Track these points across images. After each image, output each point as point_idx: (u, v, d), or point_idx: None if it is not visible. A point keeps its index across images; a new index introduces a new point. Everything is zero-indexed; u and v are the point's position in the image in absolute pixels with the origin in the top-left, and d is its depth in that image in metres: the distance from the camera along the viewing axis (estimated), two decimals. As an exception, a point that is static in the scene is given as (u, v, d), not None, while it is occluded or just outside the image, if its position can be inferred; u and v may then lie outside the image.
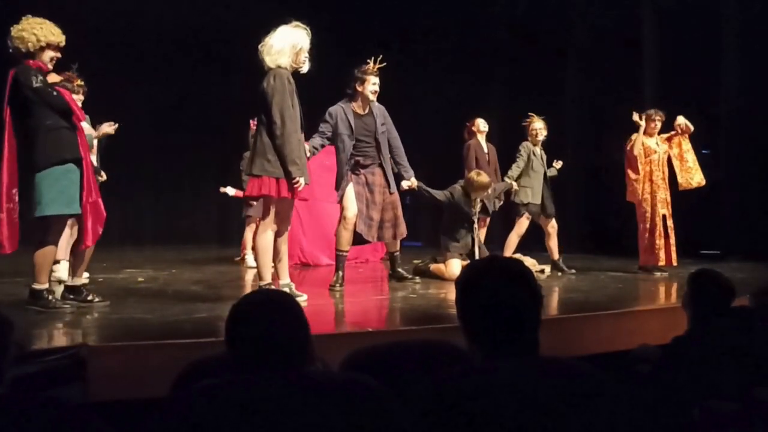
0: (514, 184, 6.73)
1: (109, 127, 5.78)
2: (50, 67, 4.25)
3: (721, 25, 8.56)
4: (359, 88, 5.59)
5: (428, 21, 10.64)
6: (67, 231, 4.57)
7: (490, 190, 6.41)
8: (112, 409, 2.63)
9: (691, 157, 6.78)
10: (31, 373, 2.78)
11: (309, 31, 4.52)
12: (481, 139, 7.16)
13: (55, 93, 4.15)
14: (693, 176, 6.77)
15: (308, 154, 5.44)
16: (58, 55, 4.25)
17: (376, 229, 5.70)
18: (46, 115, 4.14)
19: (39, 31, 4.15)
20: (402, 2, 10.49)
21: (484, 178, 6.27)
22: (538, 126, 6.94)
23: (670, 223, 6.72)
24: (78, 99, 5.31)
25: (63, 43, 4.25)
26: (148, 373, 3.01)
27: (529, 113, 7.04)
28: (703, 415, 2.48)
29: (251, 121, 7.29)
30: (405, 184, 5.91)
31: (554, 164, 7.17)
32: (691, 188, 6.79)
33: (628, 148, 6.80)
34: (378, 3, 10.48)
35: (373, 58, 5.67)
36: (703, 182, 6.80)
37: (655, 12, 8.99)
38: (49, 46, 4.18)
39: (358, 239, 5.74)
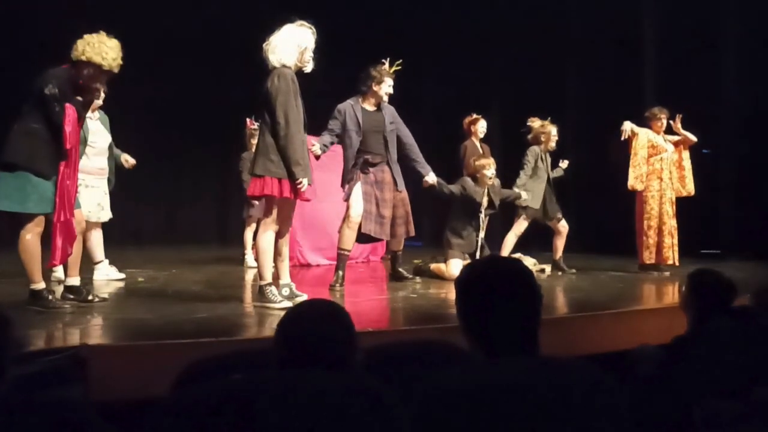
0: (524, 193, 6.71)
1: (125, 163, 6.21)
2: (86, 82, 4.22)
3: (720, 25, 8.55)
4: (375, 88, 5.60)
5: (428, 20, 10.65)
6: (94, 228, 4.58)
7: (494, 180, 6.39)
8: (113, 409, 2.62)
9: (687, 165, 6.87)
10: (32, 373, 2.78)
11: (314, 30, 4.53)
12: (475, 139, 7.25)
13: (57, 109, 4.10)
14: (686, 185, 6.87)
15: (319, 152, 5.46)
16: (98, 76, 4.26)
17: (388, 227, 5.69)
18: (36, 119, 4.12)
19: (108, 54, 4.23)
20: (403, 2, 10.50)
21: (484, 159, 6.53)
22: (555, 132, 6.96)
23: (673, 222, 6.73)
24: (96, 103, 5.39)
25: (107, 67, 4.25)
26: (148, 372, 3.01)
27: (548, 117, 7.04)
28: (704, 415, 2.47)
29: (248, 120, 7.32)
30: (429, 180, 5.90)
31: (560, 164, 7.18)
32: (680, 196, 6.86)
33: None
34: (379, 2, 10.48)
35: (389, 59, 5.69)
36: (693, 192, 6.89)
37: (654, 12, 8.98)
38: (102, 70, 4.22)
39: (364, 239, 5.75)
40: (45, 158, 4.13)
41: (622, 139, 6.73)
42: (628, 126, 6.71)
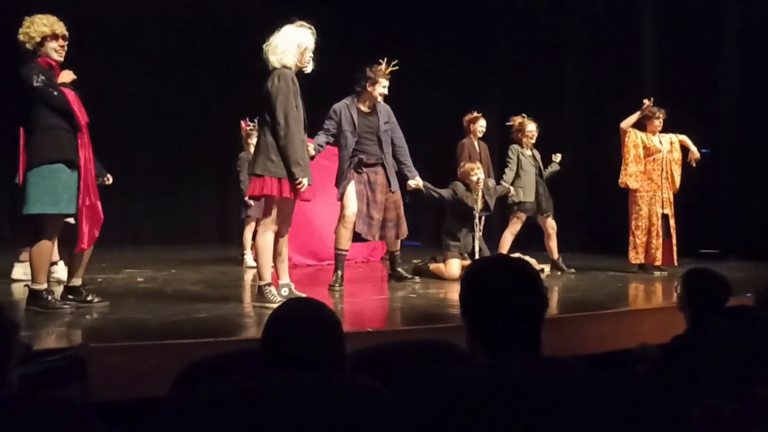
0: (511, 188, 6.74)
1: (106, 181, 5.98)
2: (57, 57, 4.22)
3: (720, 24, 8.56)
4: (369, 88, 5.61)
5: (427, 19, 10.65)
6: None
7: (488, 182, 6.40)
8: (112, 410, 2.62)
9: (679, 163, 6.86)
10: (31, 374, 2.78)
11: (314, 31, 4.54)
12: (474, 138, 7.26)
13: (55, 93, 4.13)
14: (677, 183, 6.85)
15: (313, 152, 5.46)
16: (62, 43, 4.23)
17: (377, 228, 5.70)
18: (45, 114, 4.14)
19: (31, 28, 4.16)
20: (402, 1, 10.50)
21: (470, 163, 6.48)
22: (531, 128, 6.96)
23: (672, 222, 6.71)
24: None
25: (60, 30, 4.21)
26: (147, 373, 3.01)
27: (522, 114, 7.05)
28: (703, 415, 2.48)
29: (242, 122, 7.33)
30: (412, 183, 5.91)
31: (553, 158, 7.18)
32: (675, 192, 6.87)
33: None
34: (379, 2, 10.48)
35: (386, 59, 5.69)
36: (676, 190, 6.87)
37: (654, 11, 8.98)
38: (46, 38, 4.17)
39: (357, 238, 5.74)
40: (71, 146, 4.19)
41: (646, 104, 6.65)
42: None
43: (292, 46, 4.43)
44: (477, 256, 6.20)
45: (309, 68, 4.57)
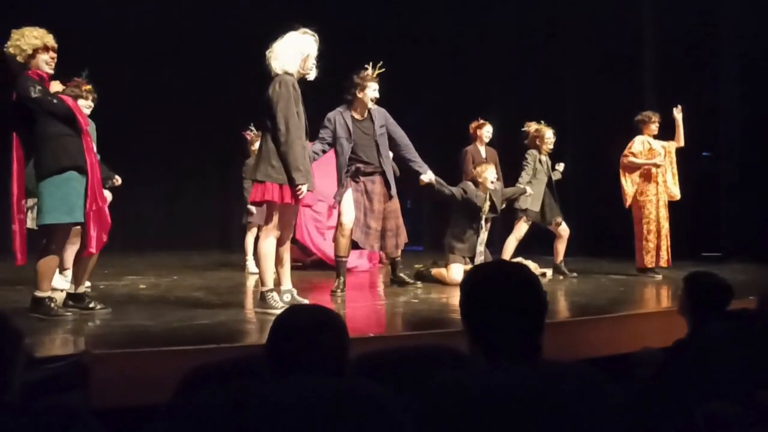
0: (528, 188, 6.74)
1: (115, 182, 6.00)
2: (48, 70, 4.24)
3: (720, 25, 8.56)
4: (359, 95, 5.58)
5: (427, 22, 10.67)
6: (73, 240, 4.59)
7: (495, 185, 6.40)
8: (115, 416, 2.62)
9: (674, 170, 6.87)
10: (34, 381, 2.78)
11: (317, 38, 4.54)
12: (480, 144, 7.22)
13: (55, 101, 4.16)
14: (670, 190, 6.86)
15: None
16: (53, 55, 4.24)
17: (375, 238, 5.66)
18: (48, 123, 4.16)
19: (22, 41, 4.17)
20: (403, 5, 10.52)
21: (482, 163, 6.52)
22: (549, 135, 6.97)
23: (667, 224, 6.76)
24: (87, 105, 5.35)
25: (50, 43, 4.22)
26: (150, 379, 3.01)
27: (540, 121, 7.06)
28: (706, 418, 2.47)
29: (245, 134, 7.32)
30: (425, 178, 5.89)
31: (557, 167, 7.19)
32: (671, 200, 6.89)
33: (625, 152, 6.82)
34: (379, 5, 10.50)
35: (371, 63, 5.68)
36: (678, 197, 6.89)
37: (655, 12, 8.99)
38: (37, 50, 4.18)
39: (356, 245, 5.73)
40: (79, 151, 4.21)
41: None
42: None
43: (294, 52, 4.45)
44: (479, 260, 6.19)
45: (312, 75, 4.58)
